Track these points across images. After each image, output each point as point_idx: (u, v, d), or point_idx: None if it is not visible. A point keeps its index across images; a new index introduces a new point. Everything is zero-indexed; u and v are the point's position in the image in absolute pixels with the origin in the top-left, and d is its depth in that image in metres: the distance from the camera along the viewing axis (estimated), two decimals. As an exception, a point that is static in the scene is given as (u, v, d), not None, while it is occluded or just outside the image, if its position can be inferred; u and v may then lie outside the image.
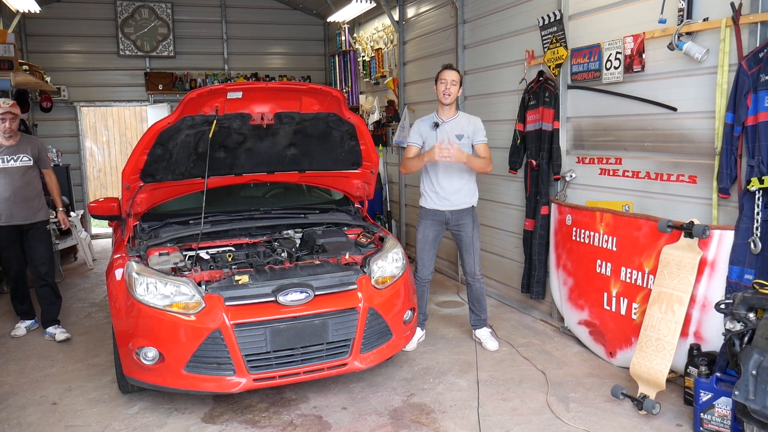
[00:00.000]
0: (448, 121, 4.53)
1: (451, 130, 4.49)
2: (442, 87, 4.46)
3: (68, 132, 9.66)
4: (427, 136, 4.55)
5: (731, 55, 3.53)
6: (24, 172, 4.97)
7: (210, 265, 3.93)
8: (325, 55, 10.80)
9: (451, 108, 4.55)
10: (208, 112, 3.93)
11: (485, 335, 4.78)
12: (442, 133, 4.47)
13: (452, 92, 4.46)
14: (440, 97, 4.48)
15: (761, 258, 3.37)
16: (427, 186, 4.64)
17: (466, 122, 4.55)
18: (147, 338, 3.53)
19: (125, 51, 9.70)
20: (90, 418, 3.73)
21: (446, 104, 4.49)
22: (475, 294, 4.75)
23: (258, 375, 3.53)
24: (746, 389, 2.75)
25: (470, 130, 4.51)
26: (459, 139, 4.46)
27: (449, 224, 4.62)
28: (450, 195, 4.55)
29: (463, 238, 4.62)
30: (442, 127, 4.50)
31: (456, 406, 3.78)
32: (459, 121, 4.55)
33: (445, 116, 4.55)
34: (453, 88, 4.45)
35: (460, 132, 4.50)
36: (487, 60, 5.92)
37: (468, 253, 4.64)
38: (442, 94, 4.47)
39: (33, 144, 5.10)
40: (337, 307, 3.69)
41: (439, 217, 4.60)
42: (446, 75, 4.47)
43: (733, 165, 3.52)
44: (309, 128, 4.31)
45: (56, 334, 5.04)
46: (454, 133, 4.47)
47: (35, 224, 5.08)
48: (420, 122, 4.66)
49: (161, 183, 4.27)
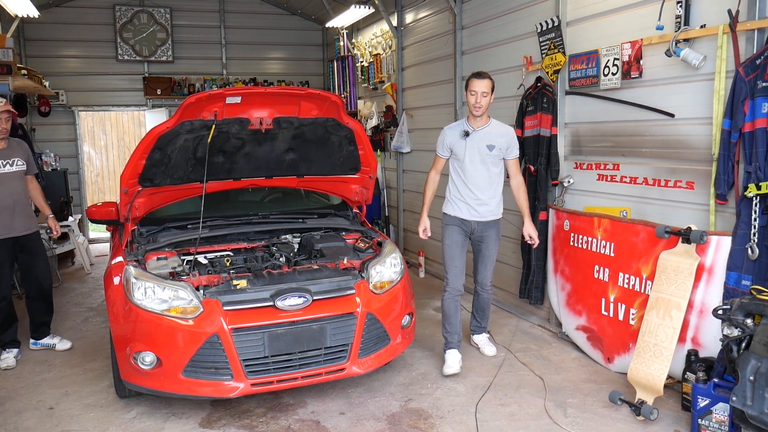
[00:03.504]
0: (479, 129, 4.27)
1: (481, 139, 4.25)
2: (473, 99, 4.18)
3: (66, 136, 9.65)
4: (454, 145, 4.32)
5: (728, 62, 3.55)
6: (18, 177, 4.66)
7: (208, 269, 3.93)
8: (323, 61, 10.82)
9: (483, 117, 4.27)
10: (206, 116, 3.93)
11: (483, 341, 4.74)
12: (473, 142, 4.25)
13: (483, 104, 4.18)
14: (471, 109, 4.23)
15: (758, 264, 3.38)
16: (454, 193, 4.40)
17: (499, 132, 4.29)
18: (145, 343, 3.52)
19: (124, 56, 9.71)
20: (87, 422, 3.72)
21: (477, 116, 4.24)
22: (481, 303, 4.67)
23: (256, 380, 3.52)
24: (744, 395, 2.75)
25: (503, 142, 4.27)
26: (490, 150, 4.24)
27: (473, 234, 4.41)
28: (479, 206, 4.32)
29: (483, 249, 4.46)
30: (473, 136, 4.26)
31: (454, 411, 3.78)
32: (491, 130, 4.29)
33: (476, 125, 4.28)
34: (484, 100, 4.17)
35: (491, 142, 4.25)
36: (486, 66, 5.92)
37: (484, 264, 4.50)
38: (472, 106, 4.20)
39: (22, 147, 4.80)
40: (335, 312, 3.68)
41: (465, 226, 4.38)
42: (476, 86, 4.17)
43: (730, 171, 3.53)
44: (307, 133, 4.32)
45: (56, 344, 4.87)
46: (485, 143, 4.24)
47: (31, 235, 4.73)
48: (448, 130, 4.39)
49: (159, 187, 4.27)
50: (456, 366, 4.30)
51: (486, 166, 4.28)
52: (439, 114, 6.86)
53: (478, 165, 4.27)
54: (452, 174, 4.39)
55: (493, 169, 4.30)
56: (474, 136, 4.26)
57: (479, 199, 4.31)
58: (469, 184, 4.30)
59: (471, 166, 4.27)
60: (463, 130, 4.29)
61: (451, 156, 4.38)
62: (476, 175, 4.27)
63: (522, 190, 4.43)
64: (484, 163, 4.27)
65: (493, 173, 4.31)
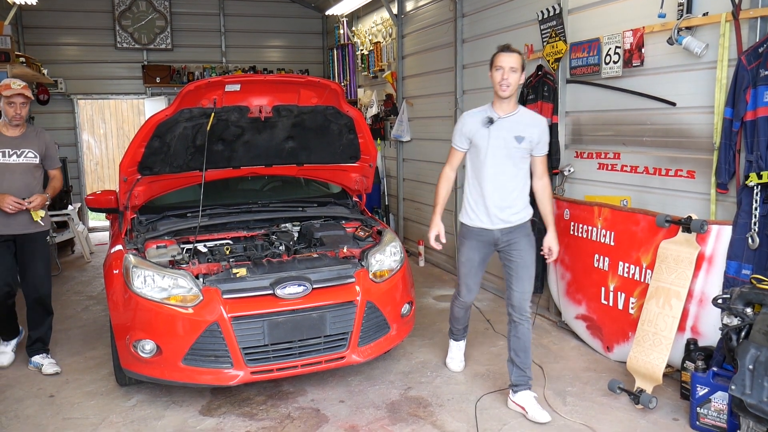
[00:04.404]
0: (506, 117, 3.54)
1: (509, 129, 3.53)
2: (499, 75, 3.45)
3: (65, 125, 9.62)
4: (475, 134, 3.58)
5: (731, 50, 3.53)
6: (27, 171, 4.18)
7: (208, 258, 3.93)
8: (323, 49, 10.77)
9: (510, 101, 3.54)
10: (206, 104, 3.91)
11: (531, 402, 3.57)
12: (498, 132, 3.53)
13: (512, 82, 3.45)
14: (496, 89, 3.49)
15: (759, 253, 3.38)
16: (471, 198, 3.70)
17: (530, 122, 3.58)
18: (144, 331, 3.52)
19: (122, 43, 9.66)
20: (88, 410, 3.73)
21: (504, 97, 3.51)
22: (521, 340, 3.60)
23: (256, 368, 3.53)
24: (743, 384, 2.76)
25: (534, 134, 3.54)
26: (518, 141, 3.52)
27: (498, 245, 3.70)
28: (501, 210, 3.61)
29: (515, 259, 3.64)
30: (499, 124, 3.53)
31: (453, 399, 3.79)
32: (520, 118, 3.57)
33: (503, 111, 3.55)
34: (513, 76, 3.44)
35: (520, 133, 3.52)
36: (486, 54, 5.84)
37: (518, 281, 3.62)
38: (498, 84, 3.47)
39: (41, 138, 4.28)
40: (334, 300, 3.68)
41: (486, 237, 3.69)
42: (503, 60, 3.45)
43: (731, 160, 3.52)
44: (307, 121, 4.30)
45: (44, 366, 4.27)
46: (513, 134, 3.52)
47: (34, 235, 4.24)
48: (467, 117, 3.67)
49: (159, 176, 4.25)
50: (460, 363, 4.18)
51: (512, 162, 3.57)
52: (439, 103, 6.83)
53: (503, 160, 3.55)
54: (469, 173, 3.70)
55: (520, 166, 3.59)
56: (500, 124, 3.54)
57: (503, 202, 3.60)
58: (490, 184, 3.59)
59: (493, 160, 3.55)
60: (486, 117, 3.56)
61: (469, 149, 3.69)
62: (499, 171, 3.57)
63: (547, 194, 3.71)
64: (510, 157, 3.55)
65: (519, 170, 3.60)
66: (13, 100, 4.08)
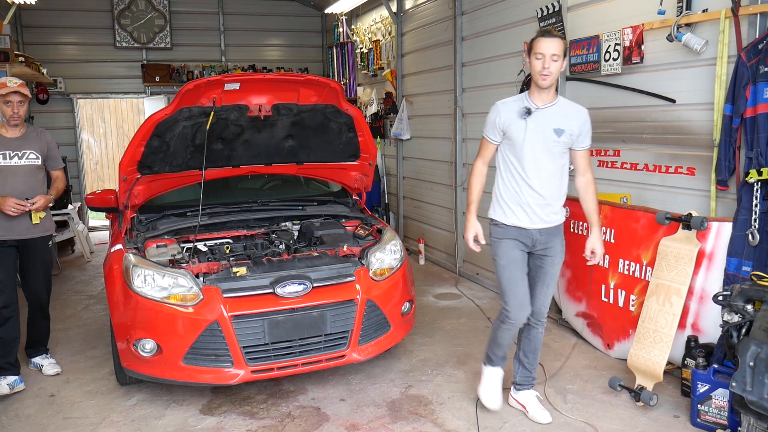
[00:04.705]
0: (545, 107, 3.24)
1: (548, 120, 3.23)
2: (539, 65, 3.15)
3: (65, 124, 9.61)
4: (510, 126, 3.27)
5: (730, 47, 3.52)
6: (29, 172, 4.02)
7: (208, 257, 3.93)
8: (322, 47, 10.76)
9: (550, 91, 3.24)
10: (205, 103, 3.92)
11: (533, 401, 3.56)
12: (536, 124, 3.23)
13: (553, 71, 3.15)
14: (536, 78, 3.20)
15: (759, 250, 3.37)
16: (505, 191, 3.36)
17: (571, 113, 3.29)
18: (145, 330, 3.52)
19: (122, 42, 9.64)
20: (88, 410, 3.73)
21: (544, 87, 3.21)
22: (532, 342, 3.53)
23: (256, 367, 3.53)
24: (743, 380, 2.75)
25: (575, 126, 3.25)
26: (558, 135, 3.23)
27: (534, 248, 3.38)
28: (542, 208, 3.30)
29: (546, 266, 3.41)
30: (537, 115, 3.23)
31: (454, 397, 3.79)
32: (560, 109, 3.28)
33: (541, 100, 3.25)
34: (554, 65, 3.14)
35: (559, 125, 3.23)
36: (485, 51, 5.90)
37: (544, 287, 3.44)
38: (538, 74, 3.17)
39: (42, 138, 4.12)
40: (335, 298, 3.68)
41: (524, 238, 3.34)
42: (544, 47, 3.14)
43: (731, 157, 3.52)
44: (307, 120, 4.30)
45: (44, 366, 4.21)
46: (552, 126, 3.23)
47: (37, 240, 4.11)
48: (501, 107, 3.32)
49: (158, 175, 4.25)
50: (498, 397, 3.55)
51: (551, 156, 3.27)
52: (439, 101, 6.83)
53: (541, 154, 3.26)
54: (503, 167, 3.38)
55: (559, 161, 3.31)
56: (538, 115, 3.24)
57: (543, 200, 3.29)
58: (530, 180, 3.28)
59: (531, 155, 3.25)
60: (523, 107, 3.25)
61: (503, 142, 3.37)
62: (538, 167, 3.27)
63: (591, 191, 3.41)
64: (549, 151, 3.26)
65: (558, 165, 3.31)
66: (9, 99, 3.92)
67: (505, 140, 3.33)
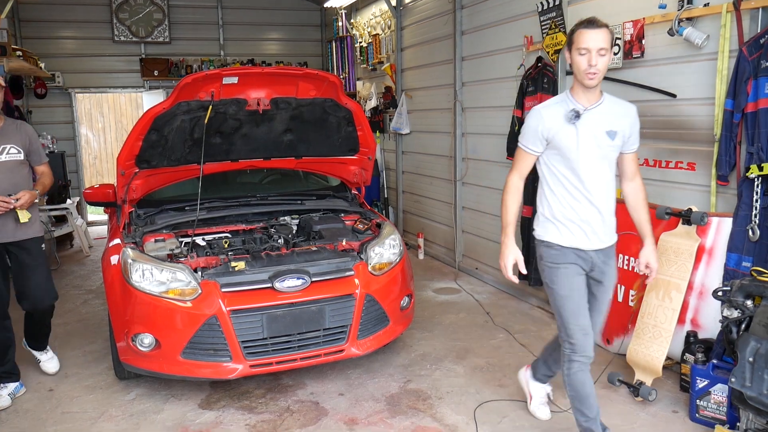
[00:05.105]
0: (592, 108, 2.84)
1: (598, 123, 2.83)
2: (584, 62, 2.73)
3: (63, 119, 9.58)
4: (558, 133, 2.82)
5: (732, 41, 3.50)
6: (12, 169, 3.66)
7: (206, 251, 3.92)
8: (322, 41, 10.72)
9: (595, 90, 2.84)
10: (203, 97, 3.90)
11: (540, 395, 3.50)
12: (587, 128, 2.81)
13: (601, 68, 2.74)
14: (580, 78, 2.77)
15: (759, 245, 3.37)
16: (559, 209, 2.91)
17: (620, 112, 2.91)
18: (143, 325, 3.52)
19: (120, 37, 9.60)
20: (87, 404, 3.72)
21: (591, 87, 2.79)
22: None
23: (255, 361, 3.53)
24: (743, 376, 2.75)
25: (626, 126, 2.89)
26: (611, 137, 2.84)
27: (592, 272, 2.97)
28: (600, 225, 2.90)
29: (600, 296, 3.03)
30: (586, 118, 2.81)
31: (452, 392, 3.78)
32: (608, 108, 2.88)
33: (589, 101, 2.84)
34: (602, 61, 2.73)
35: (611, 127, 2.84)
36: (486, 46, 5.88)
37: (597, 312, 3.05)
38: (583, 73, 2.74)
39: (22, 131, 3.76)
40: (334, 293, 3.68)
41: (583, 261, 2.92)
42: (589, 40, 2.71)
43: (732, 152, 3.50)
44: (305, 114, 4.28)
45: (42, 361, 4.12)
46: (604, 129, 2.83)
47: (27, 242, 3.74)
48: (544, 111, 2.87)
49: (157, 169, 4.24)
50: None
51: (608, 163, 2.89)
52: (438, 95, 6.81)
53: (598, 162, 2.84)
54: (551, 180, 2.94)
55: (611, 168, 2.93)
56: (587, 118, 2.82)
57: (601, 216, 2.89)
58: (589, 194, 2.86)
59: (588, 164, 2.83)
60: (570, 110, 2.81)
61: (547, 151, 2.91)
62: (597, 178, 2.86)
63: (642, 198, 3.04)
64: (605, 158, 2.86)
65: (611, 174, 2.93)
66: None
67: (551, 150, 2.88)
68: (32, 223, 3.76)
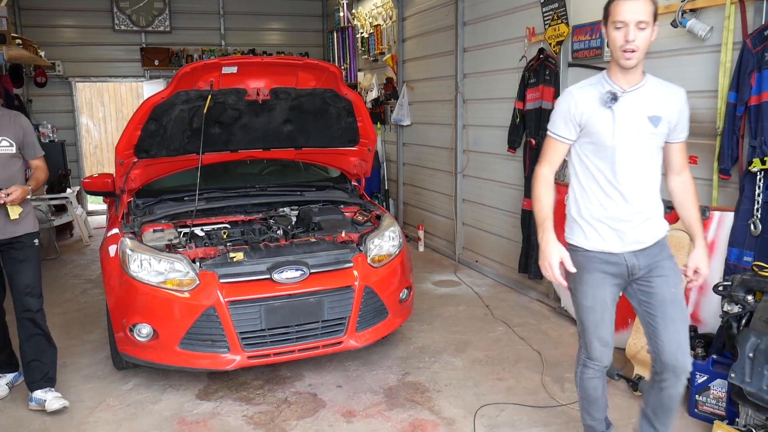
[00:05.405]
0: (632, 90, 2.47)
1: (639, 107, 2.46)
2: (620, 37, 2.36)
3: (63, 108, 9.55)
4: (592, 117, 2.48)
5: (736, 33, 3.46)
6: (3, 163, 3.41)
7: (205, 242, 3.90)
8: (323, 32, 10.66)
9: (637, 69, 2.45)
10: (202, 87, 3.87)
11: None
12: (625, 112, 2.45)
13: (640, 45, 2.35)
14: (616, 56, 2.41)
15: (761, 240, 3.34)
16: (586, 206, 2.60)
17: (666, 95, 2.50)
18: (141, 315, 3.51)
19: (120, 26, 9.56)
20: (84, 394, 3.72)
21: (629, 66, 2.41)
22: (663, 399, 2.64)
23: (252, 352, 3.52)
24: (742, 372, 2.73)
25: (673, 111, 2.49)
26: (654, 124, 2.46)
27: (634, 275, 2.58)
28: (639, 224, 2.53)
29: (659, 291, 2.55)
30: (625, 101, 2.46)
31: (451, 385, 3.77)
32: (651, 90, 2.49)
33: (628, 82, 2.47)
34: (641, 36, 2.34)
35: (654, 112, 2.46)
36: (487, 37, 5.83)
37: (669, 325, 2.53)
38: (619, 50, 2.37)
39: (16, 124, 3.49)
40: (332, 285, 3.66)
41: (614, 267, 2.57)
42: (627, 11, 2.34)
43: (734, 145, 3.47)
44: (305, 104, 4.26)
45: (47, 401, 3.50)
46: (645, 114, 2.46)
47: (19, 239, 3.48)
48: (577, 93, 2.54)
49: (155, 159, 4.22)
50: None
51: (649, 154, 2.52)
52: (439, 86, 6.77)
53: (637, 152, 2.49)
54: (581, 173, 2.63)
55: (657, 159, 2.56)
56: (626, 101, 2.46)
57: (640, 214, 2.53)
58: (623, 188, 2.51)
59: (624, 154, 2.48)
60: (606, 92, 2.46)
61: (579, 139, 2.58)
62: (634, 170, 2.50)
63: (691, 194, 2.67)
64: (646, 148, 2.50)
65: (656, 165, 2.57)
66: None
67: (584, 138, 2.54)
68: (24, 219, 3.49)
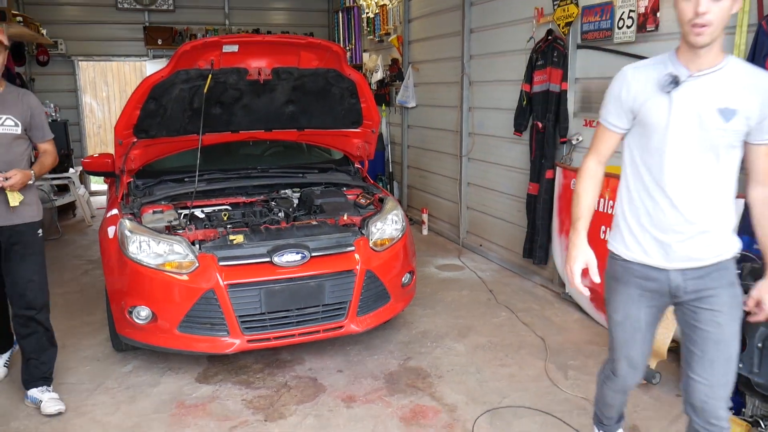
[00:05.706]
0: (702, 74, 2.03)
1: (708, 96, 2.02)
2: (689, 9, 1.94)
3: (66, 87, 9.50)
4: (646, 103, 2.09)
5: (751, 15, 3.37)
6: (5, 144, 3.09)
7: (204, 223, 3.85)
8: (328, 12, 10.54)
9: (711, 50, 2.00)
10: (203, 66, 3.80)
11: None
12: (688, 101, 2.03)
13: (713, 19, 1.92)
14: (685, 32, 1.99)
15: (772, 227, 3.25)
16: (630, 209, 2.25)
17: (747, 83, 2.02)
18: (140, 297, 3.47)
19: (123, 4, 9.45)
20: (83, 375, 3.70)
21: (700, 45, 1.97)
22: None
23: (252, 336, 3.48)
24: (751, 362, 2.69)
25: (754, 104, 2.00)
26: (726, 117, 2.01)
27: (678, 296, 2.20)
28: (689, 239, 2.12)
29: (704, 327, 2.15)
30: (689, 87, 2.03)
31: (453, 371, 3.73)
32: (728, 78, 2.03)
33: (697, 64, 2.03)
34: (716, 8, 1.92)
35: (727, 103, 2.01)
36: (495, 17, 5.72)
37: (707, 366, 2.17)
38: (688, 25, 1.95)
39: (24, 102, 3.17)
40: (333, 269, 3.61)
41: (656, 283, 2.22)
42: None
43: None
44: (308, 84, 4.18)
45: (43, 402, 3.29)
46: (715, 106, 2.02)
47: (21, 227, 3.20)
48: (632, 73, 2.14)
49: (155, 139, 4.15)
50: None
51: (714, 153, 2.07)
52: (445, 68, 6.66)
53: (697, 150, 2.07)
54: (630, 170, 2.24)
55: (726, 160, 2.09)
56: (691, 87, 2.04)
57: (692, 225, 2.11)
58: (669, 191, 2.11)
59: (678, 152, 2.08)
60: (666, 74, 2.06)
61: (634, 128, 2.19)
62: (688, 171, 2.09)
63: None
64: (710, 146, 2.06)
65: (724, 168, 2.10)
66: None
67: (636, 128, 2.16)
68: (26, 206, 3.20)
